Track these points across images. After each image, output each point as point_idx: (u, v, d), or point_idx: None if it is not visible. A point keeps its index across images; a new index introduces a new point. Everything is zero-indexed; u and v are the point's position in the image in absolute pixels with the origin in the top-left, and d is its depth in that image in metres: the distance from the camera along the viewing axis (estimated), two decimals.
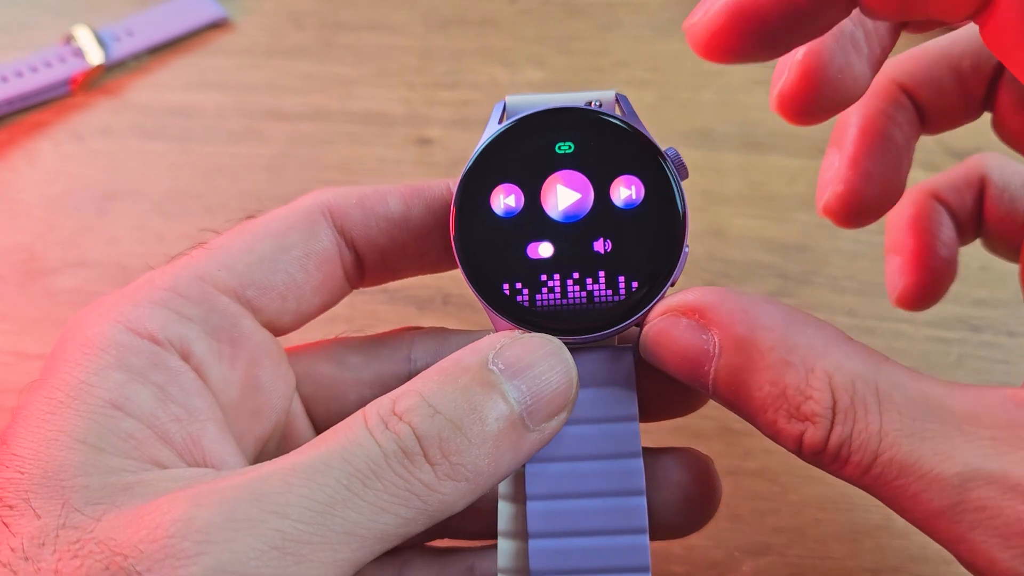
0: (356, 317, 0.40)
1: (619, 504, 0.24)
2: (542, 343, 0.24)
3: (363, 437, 0.22)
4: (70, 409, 0.22)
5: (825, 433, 0.22)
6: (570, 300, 0.25)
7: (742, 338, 0.23)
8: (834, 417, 0.22)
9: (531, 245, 0.25)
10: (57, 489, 0.21)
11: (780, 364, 0.22)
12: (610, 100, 0.27)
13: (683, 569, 0.33)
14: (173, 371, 0.24)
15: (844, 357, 0.22)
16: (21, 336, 0.40)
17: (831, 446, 0.22)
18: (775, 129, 0.46)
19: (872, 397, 0.21)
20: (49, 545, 0.20)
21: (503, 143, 0.26)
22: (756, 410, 0.23)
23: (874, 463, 0.21)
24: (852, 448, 0.21)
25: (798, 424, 0.22)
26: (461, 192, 0.26)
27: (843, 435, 0.21)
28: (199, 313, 0.25)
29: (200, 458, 0.23)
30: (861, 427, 0.21)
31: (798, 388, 0.22)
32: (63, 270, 0.42)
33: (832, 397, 0.22)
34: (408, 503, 0.22)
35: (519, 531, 0.25)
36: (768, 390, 0.22)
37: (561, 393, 0.24)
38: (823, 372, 0.22)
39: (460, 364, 0.23)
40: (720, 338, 0.23)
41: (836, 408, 0.22)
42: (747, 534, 0.34)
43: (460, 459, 0.22)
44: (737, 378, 0.23)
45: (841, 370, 0.22)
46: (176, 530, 0.20)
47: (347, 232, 0.27)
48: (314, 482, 0.21)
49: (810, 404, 0.22)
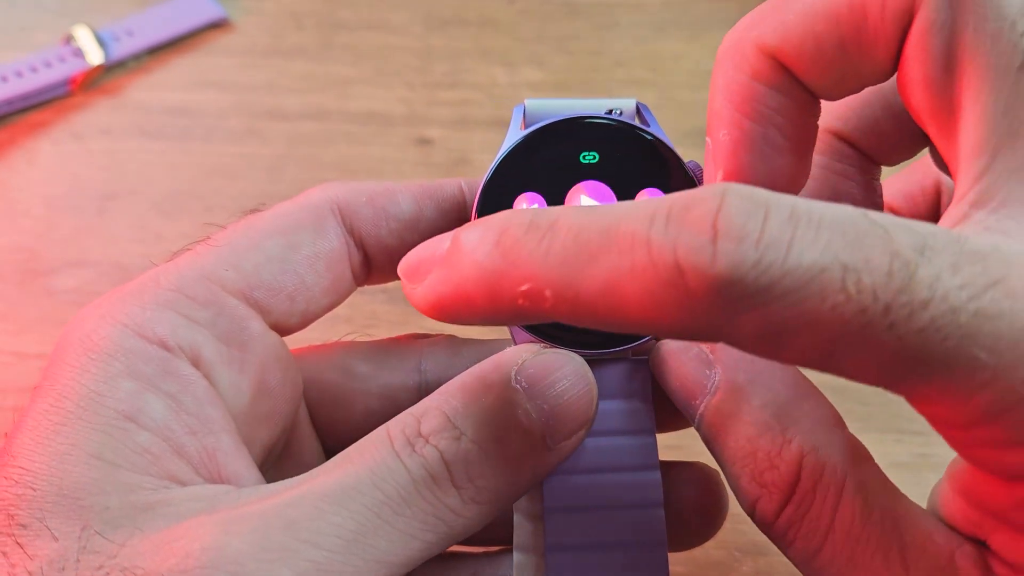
0: (356, 317, 0.40)
1: (637, 516, 0.24)
2: (565, 360, 0.23)
3: (391, 460, 0.21)
4: (81, 421, 0.21)
5: (778, 508, 0.21)
6: None
7: (740, 386, 0.22)
8: (791, 497, 0.21)
9: None
10: (74, 509, 0.20)
11: (762, 424, 0.22)
12: (631, 109, 0.26)
13: (683, 569, 0.33)
14: (185, 379, 0.23)
15: (826, 442, 0.21)
16: (21, 336, 0.40)
17: (779, 523, 0.21)
18: None
19: (835, 491, 0.21)
20: (70, 570, 0.19)
21: (526, 150, 0.26)
22: (727, 460, 0.22)
23: (815, 557, 0.21)
24: (799, 534, 0.21)
25: (756, 488, 0.22)
26: (483, 198, 0.25)
27: (793, 517, 0.21)
28: (208, 316, 0.24)
29: (215, 472, 0.23)
30: (813, 516, 0.21)
31: (768, 454, 0.21)
32: (63, 270, 0.42)
33: (797, 475, 0.21)
34: (435, 529, 0.21)
35: (536, 545, 0.25)
36: (742, 444, 0.22)
37: (583, 411, 0.23)
38: (799, 448, 0.21)
39: (484, 381, 0.23)
40: (721, 378, 0.23)
41: (796, 488, 0.21)
42: (747, 534, 0.34)
43: (485, 483, 0.22)
44: (721, 422, 0.22)
45: (816, 453, 0.21)
46: (208, 560, 0.19)
47: (356, 231, 0.26)
48: (345, 509, 0.20)
49: (774, 474, 0.21)
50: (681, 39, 0.51)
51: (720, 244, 0.17)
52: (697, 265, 0.17)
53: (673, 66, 0.50)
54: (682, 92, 0.48)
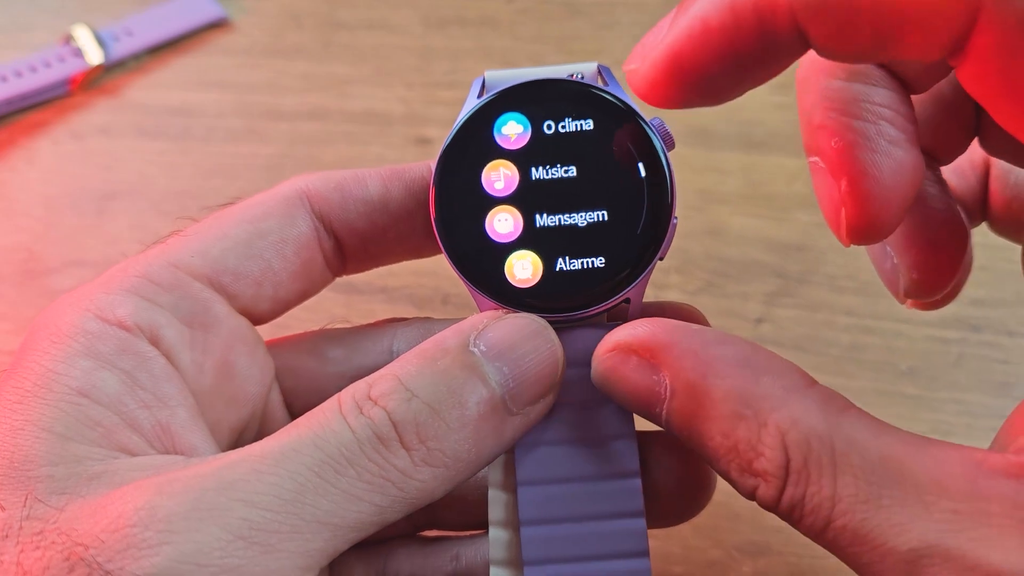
0: (353, 316, 0.40)
1: (613, 487, 0.24)
2: (526, 323, 0.23)
3: (336, 422, 0.21)
4: (36, 398, 0.22)
5: (777, 493, 0.21)
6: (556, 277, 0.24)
7: (693, 384, 0.21)
8: (787, 477, 0.20)
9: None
10: (22, 480, 0.21)
11: (732, 416, 0.21)
12: (592, 72, 0.26)
13: (682, 569, 0.33)
14: (142, 356, 0.23)
15: (801, 411, 0.21)
16: (20, 336, 0.40)
17: (783, 506, 0.21)
18: (774, 129, 0.46)
19: (827, 458, 0.20)
20: (12, 537, 0.20)
21: (483, 118, 0.25)
22: (709, 458, 0.22)
23: (827, 528, 0.20)
24: (804, 511, 0.20)
25: (750, 479, 0.21)
26: (441, 169, 0.25)
27: (795, 497, 0.20)
28: (170, 300, 0.24)
29: (170, 444, 0.23)
30: (814, 490, 0.20)
31: (750, 444, 0.21)
32: (62, 269, 0.42)
33: (785, 456, 0.20)
34: (383, 490, 0.21)
35: (510, 519, 0.24)
36: (720, 441, 0.21)
37: (546, 375, 0.23)
38: (776, 428, 0.20)
39: (440, 346, 0.23)
40: (671, 381, 0.22)
41: (789, 468, 0.20)
42: (747, 534, 0.34)
43: (438, 444, 0.22)
44: (690, 424, 0.22)
45: (796, 427, 0.20)
46: (138, 519, 0.19)
47: (326, 217, 0.26)
48: (284, 469, 0.20)
49: (762, 462, 0.21)
50: None
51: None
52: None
53: None
54: None
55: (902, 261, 0.26)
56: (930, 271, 0.26)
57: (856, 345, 0.39)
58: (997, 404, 0.37)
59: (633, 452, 0.24)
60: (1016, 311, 0.39)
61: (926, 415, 0.37)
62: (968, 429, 0.36)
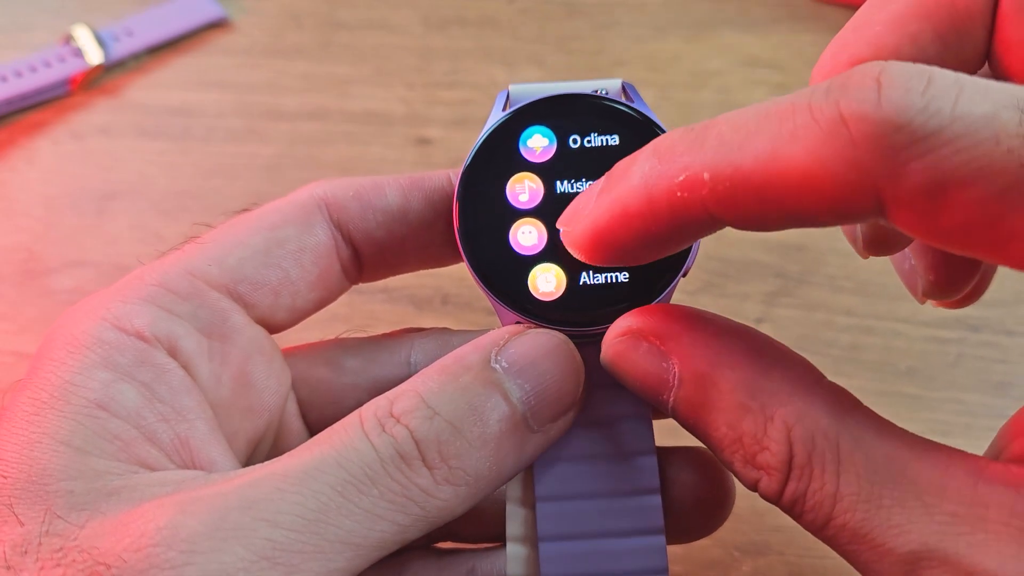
0: (355, 316, 0.40)
1: (633, 504, 0.23)
2: (548, 339, 0.23)
3: (359, 440, 0.21)
4: (54, 410, 0.22)
5: (779, 487, 0.21)
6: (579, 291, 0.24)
7: (702, 374, 0.21)
8: (790, 472, 0.20)
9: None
10: (40, 494, 0.21)
11: (739, 408, 0.21)
12: (616, 89, 0.26)
13: (682, 569, 0.33)
14: (160, 368, 0.23)
15: (808, 406, 0.21)
16: (20, 336, 0.40)
17: (785, 500, 0.21)
18: None
19: (832, 455, 0.20)
20: (32, 553, 0.20)
21: (508, 132, 0.25)
22: (714, 448, 0.22)
23: (827, 525, 0.20)
24: (806, 507, 0.20)
25: (753, 471, 0.21)
26: (465, 180, 0.25)
27: (797, 492, 0.20)
28: (188, 309, 0.24)
29: (189, 459, 0.23)
30: (816, 487, 0.20)
31: (755, 437, 0.21)
32: (62, 270, 0.42)
33: (789, 451, 0.20)
34: (405, 510, 0.21)
35: (529, 535, 0.24)
36: (725, 432, 0.21)
37: (568, 392, 0.23)
38: (782, 423, 0.20)
39: (462, 362, 0.23)
40: (680, 369, 0.22)
41: (792, 463, 0.20)
42: (747, 534, 0.34)
43: (459, 463, 0.21)
44: (695, 413, 0.22)
45: (802, 422, 0.20)
46: (161, 539, 0.19)
47: (344, 225, 0.26)
48: (307, 488, 0.20)
49: (766, 455, 0.21)
50: (681, 39, 0.51)
51: (884, 92, 0.16)
52: (861, 111, 0.16)
53: (672, 66, 0.50)
54: (681, 92, 0.48)
55: (919, 263, 0.26)
56: (947, 273, 0.26)
57: (855, 345, 0.39)
58: (996, 404, 0.37)
59: (653, 469, 0.24)
60: (1014, 311, 0.40)
61: (925, 415, 0.37)
62: (967, 429, 0.36)
